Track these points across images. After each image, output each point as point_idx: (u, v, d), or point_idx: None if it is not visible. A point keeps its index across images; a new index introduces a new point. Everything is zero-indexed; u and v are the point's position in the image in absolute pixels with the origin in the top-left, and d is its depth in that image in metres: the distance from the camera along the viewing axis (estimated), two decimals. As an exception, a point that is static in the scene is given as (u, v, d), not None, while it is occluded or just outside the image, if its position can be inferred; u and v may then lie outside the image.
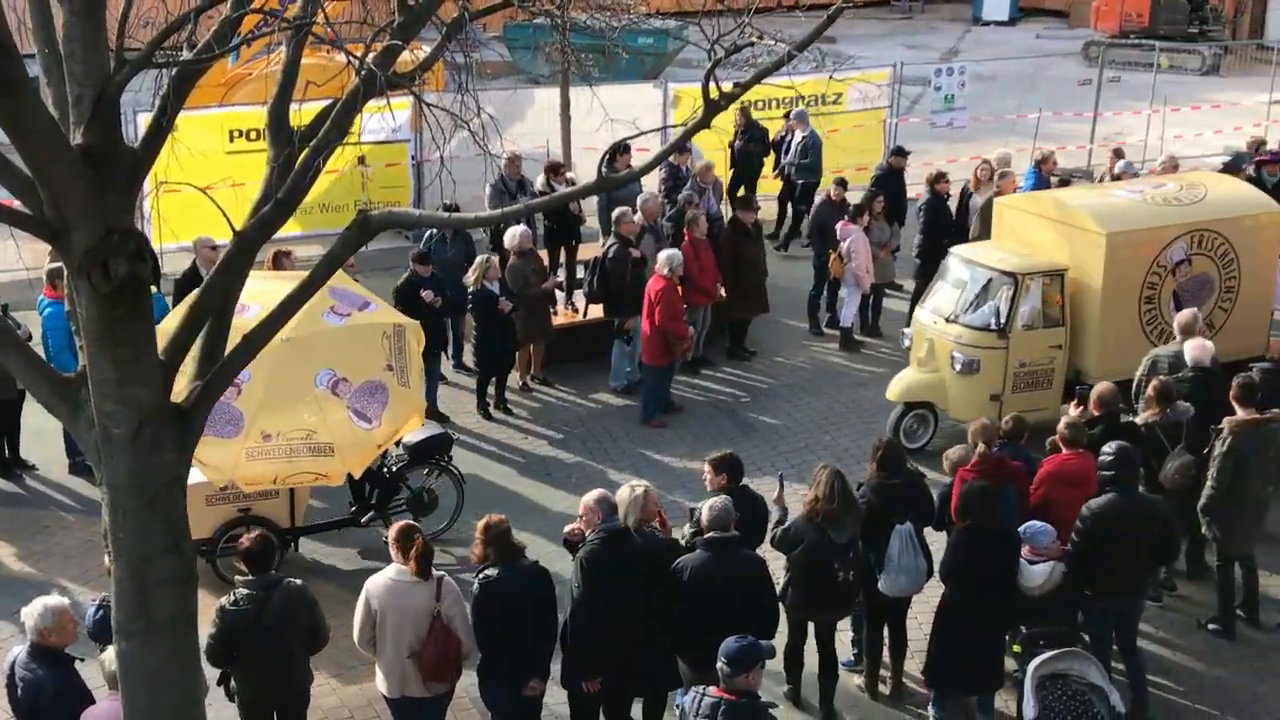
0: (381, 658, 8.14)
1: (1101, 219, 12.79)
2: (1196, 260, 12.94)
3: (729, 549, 8.22)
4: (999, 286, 12.70)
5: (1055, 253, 12.92)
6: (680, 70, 26.41)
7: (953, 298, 13.08)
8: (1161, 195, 13.29)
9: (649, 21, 19.83)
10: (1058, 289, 12.73)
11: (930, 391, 13.03)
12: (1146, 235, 12.78)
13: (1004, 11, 35.28)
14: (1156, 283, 12.80)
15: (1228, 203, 13.45)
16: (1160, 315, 12.86)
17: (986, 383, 12.65)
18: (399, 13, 6.48)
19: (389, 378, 10.67)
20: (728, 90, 6.14)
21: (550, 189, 15.59)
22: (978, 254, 13.31)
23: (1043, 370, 12.75)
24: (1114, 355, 12.58)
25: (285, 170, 6.39)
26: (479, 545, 8.13)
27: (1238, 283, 13.17)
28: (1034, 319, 12.70)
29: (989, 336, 12.62)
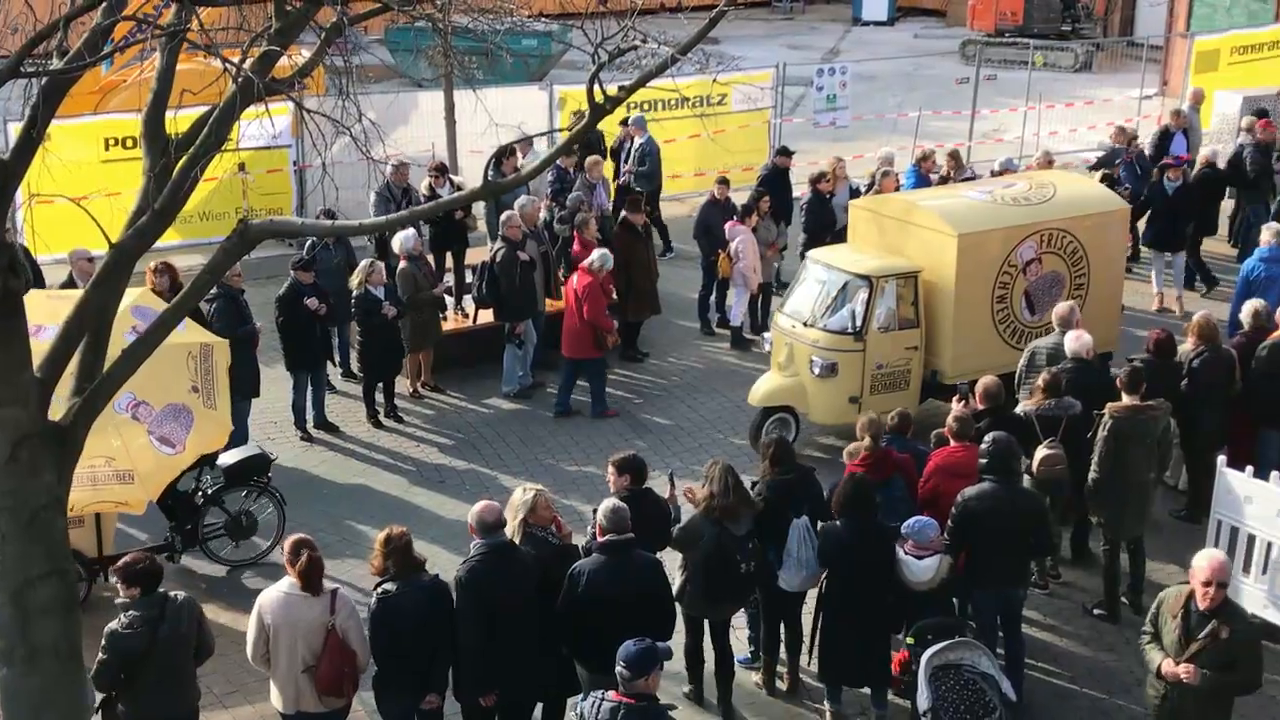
0: (276, 673, 7.98)
1: (952, 220, 12.91)
2: (1046, 259, 13.12)
3: (625, 552, 8.21)
4: (854, 290, 12.76)
5: (909, 255, 12.99)
6: (566, 72, 26.37)
7: (810, 301, 13.10)
8: (1011, 195, 13.46)
9: (532, 24, 19.84)
10: (912, 291, 12.83)
11: (791, 395, 13.03)
12: (996, 235, 12.92)
13: (882, 12, 35.82)
14: (1008, 282, 12.95)
15: (1076, 201, 13.63)
16: (1012, 314, 13.05)
17: (845, 386, 12.70)
18: (276, 18, 6.37)
19: (194, 400, 10.43)
20: (613, 93, 6.13)
21: (434, 193, 15.46)
22: (833, 257, 13.33)
23: (900, 371, 12.84)
24: (968, 355, 12.76)
25: (162, 179, 6.26)
26: (378, 558, 8.01)
27: (1087, 280, 13.36)
28: (889, 321, 12.76)
29: (846, 340, 12.68)
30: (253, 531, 11.33)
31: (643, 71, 6.52)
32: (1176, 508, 11.92)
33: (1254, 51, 23.82)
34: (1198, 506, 11.39)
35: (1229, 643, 7.60)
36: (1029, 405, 10.59)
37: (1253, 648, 7.75)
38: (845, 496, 9.03)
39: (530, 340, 14.59)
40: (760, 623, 9.81)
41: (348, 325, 14.28)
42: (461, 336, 15.17)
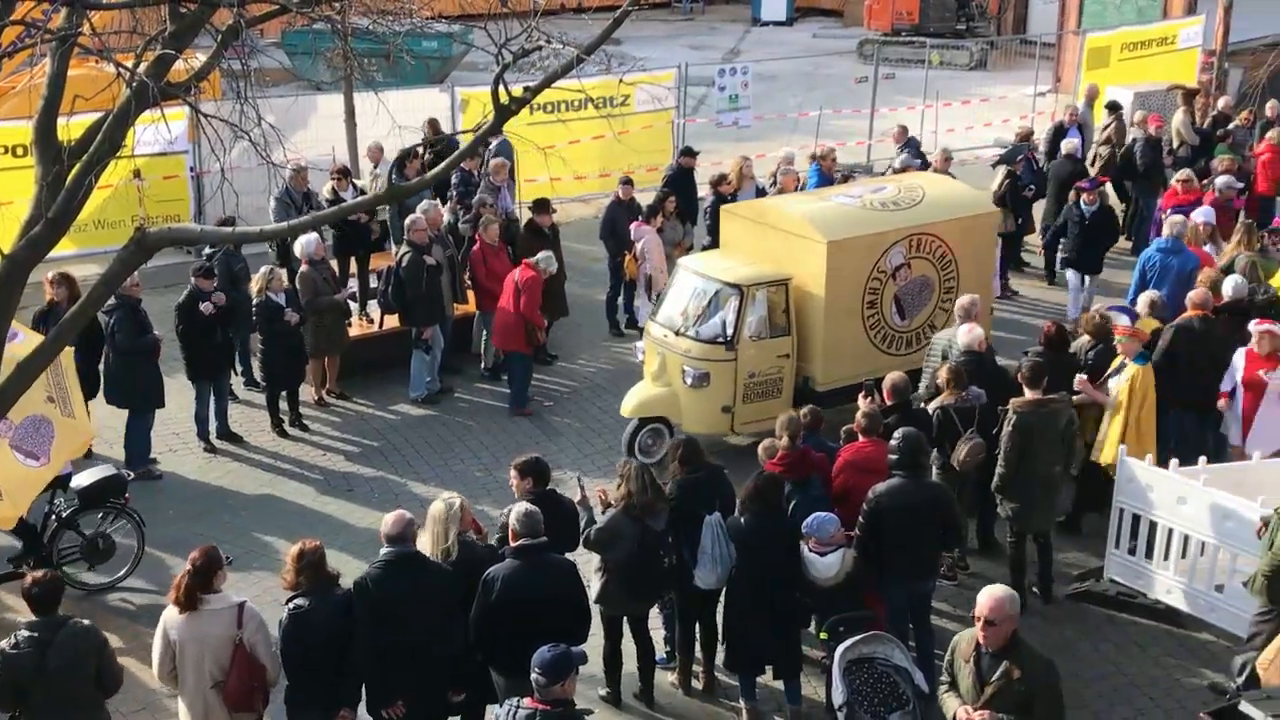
0: (183, 690, 7.82)
1: (821, 227, 12.77)
2: (915, 263, 13.11)
3: (539, 555, 8.16)
4: (725, 298, 12.65)
5: (779, 262, 12.89)
6: (467, 74, 26.22)
7: (681, 310, 12.94)
8: (880, 200, 13.40)
9: (433, 25, 19.68)
10: (783, 298, 12.73)
11: (664, 406, 12.89)
12: (865, 241, 12.84)
13: (781, 12, 36.10)
14: (878, 288, 12.93)
15: (944, 205, 13.58)
16: (883, 320, 13.06)
17: (717, 395, 12.61)
18: (170, 21, 6.23)
19: (51, 410, 10.19)
20: (517, 94, 6.09)
21: (336, 197, 15.27)
22: (704, 265, 13.23)
23: (772, 380, 12.75)
24: (840, 362, 12.75)
25: (56, 187, 6.09)
26: (290, 573, 7.86)
27: (956, 283, 13.33)
28: (761, 329, 12.66)
29: (717, 349, 12.56)
30: (110, 555, 11.00)
31: (547, 72, 6.48)
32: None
33: (1144, 48, 24.40)
34: (1100, 496, 11.60)
35: (1024, 684, 7.11)
36: (944, 400, 10.69)
37: (1049, 690, 7.21)
38: (751, 493, 9.12)
39: (438, 345, 14.47)
40: (675, 622, 9.83)
41: (250, 333, 14.02)
42: (367, 342, 14.99)
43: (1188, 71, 23.99)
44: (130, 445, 12.90)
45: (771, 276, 12.75)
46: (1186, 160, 18.28)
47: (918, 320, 13.31)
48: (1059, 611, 10.73)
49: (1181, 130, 19.06)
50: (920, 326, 13.32)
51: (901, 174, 15.95)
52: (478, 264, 14.53)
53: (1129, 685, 9.88)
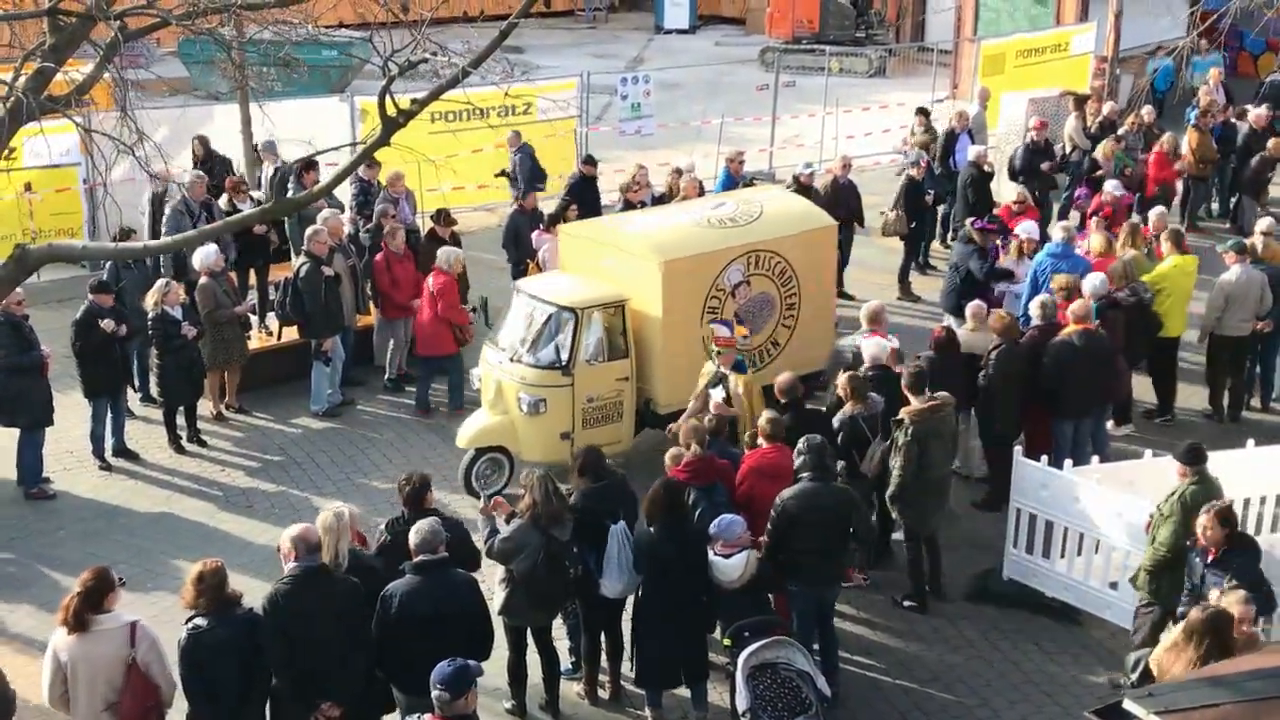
0: (75, 713, 7.67)
1: (656, 247, 12.53)
2: (755, 280, 12.88)
3: (439, 571, 8.11)
4: (560, 322, 12.25)
5: (616, 282, 12.56)
6: (368, 83, 25.95)
7: (517, 335, 12.53)
8: (719, 217, 13.11)
9: (329, 34, 19.47)
10: (620, 320, 12.38)
11: (501, 435, 12.46)
12: (702, 260, 12.58)
13: (684, 20, 36.26)
14: (717, 306, 12.65)
15: (783, 221, 13.37)
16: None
17: (555, 421, 12.17)
18: (50, 34, 6.10)
19: None
20: (406, 105, 6.04)
21: (233, 208, 15.05)
22: (539, 287, 12.84)
23: (611, 404, 12.38)
24: (682, 383, 12.23)
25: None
26: (190, 593, 7.72)
27: (798, 299, 13.21)
28: (598, 352, 12.28)
29: (553, 375, 12.16)
30: None
31: (438, 83, 6.45)
32: (975, 497, 12.34)
33: (1037, 55, 24.88)
34: (999, 495, 11.82)
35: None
36: (850, 410, 10.77)
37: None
38: (657, 502, 9.10)
39: (339, 357, 14.31)
40: (580, 632, 9.81)
41: (145, 348, 13.74)
42: (267, 355, 14.79)
43: (1081, 78, 24.49)
44: (22, 464, 12.61)
45: (608, 298, 12.36)
46: (1077, 164, 18.67)
47: (760, 337, 13.05)
48: (958, 610, 10.89)
49: (1074, 135, 19.46)
50: (763, 344, 13.11)
51: (745, 190, 15.62)
52: (381, 272, 14.40)
53: (1027, 683, 10.05)
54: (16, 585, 11.17)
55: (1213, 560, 8.65)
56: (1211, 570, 8.60)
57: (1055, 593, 10.78)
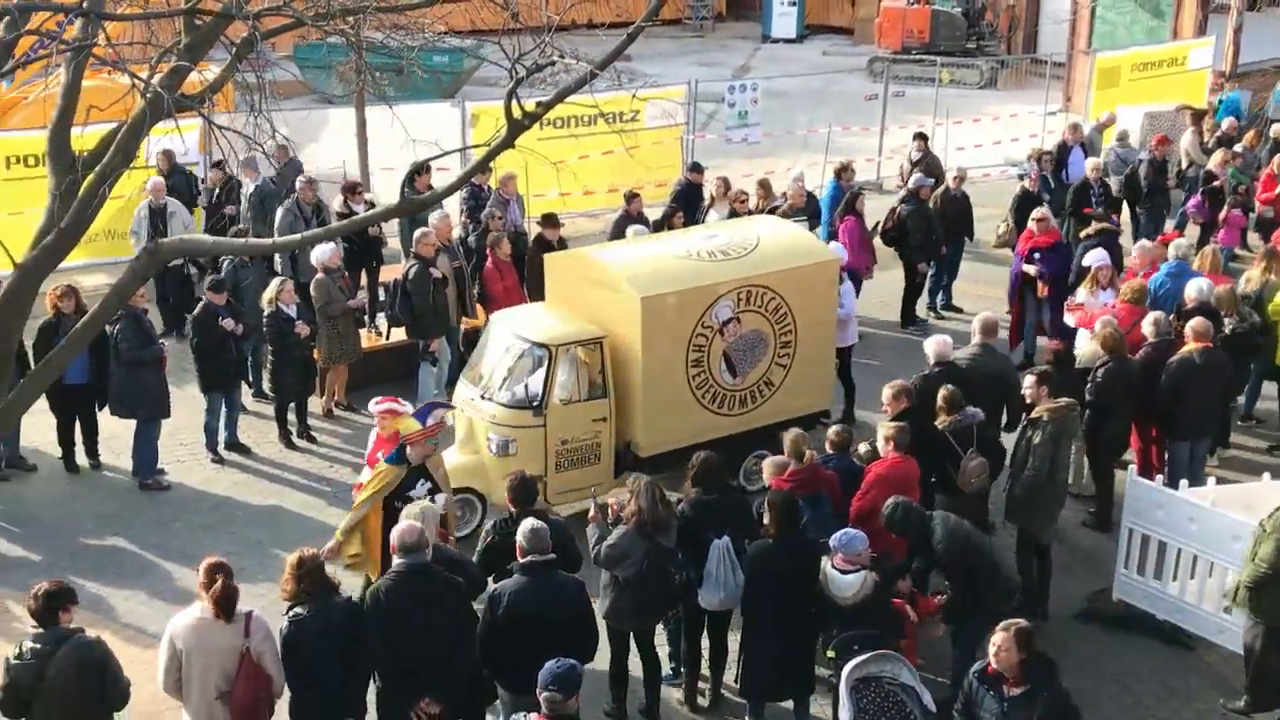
0: (188, 701, 7.80)
1: (635, 281, 11.65)
2: (746, 317, 11.96)
3: (546, 572, 8.16)
4: (532, 358, 11.60)
5: (595, 317, 11.82)
6: (478, 89, 26.28)
7: (489, 371, 11.88)
8: (709, 249, 12.19)
9: (446, 40, 19.73)
10: (598, 358, 11.64)
11: (471, 476, 11.71)
12: (687, 295, 11.68)
13: (791, 29, 36.18)
14: (703, 344, 11.79)
15: (778, 254, 12.40)
16: (711, 378, 11.93)
17: (525, 464, 11.16)
18: (185, 33, 6.26)
19: None
20: (530, 109, 6.10)
21: (349, 210, 15.30)
22: (514, 322, 12.10)
23: (588, 446, 11.64)
24: (664, 424, 11.74)
25: (68, 197, 6.11)
26: (290, 581, 7.86)
27: (794, 337, 12.30)
28: (573, 392, 11.58)
29: (524, 414, 11.47)
30: None
31: (558, 88, 6.50)
32: (1083, 515, 12.11)
33: (1154, 69, 24.41)
34: (1105, 515, 11.59)
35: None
36: (941, 423, 10.66)
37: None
38: (775, 512, 8.99)
39: (445, 358, 14.47)
40: (681, 638, 9.80)
41: (261, 345, 14.04)
42: (375, 355, 15.01)
43: (1197, 92, 23.99)
44: (138, 456, 12.93)
45: (584, 334, 11.64)
46: (1193, 180, 18.28)
47: (751, 378, 12.19)
48: (1066, 630, 10.69)
49: (1190, 150, 19.06)
50: (755, 384, 12.24)
51: (740, 220, 14.66)
52: (494, 280, 14.51)
53: (1137, 705, 9.84)
54: (130, 573, 11.44)
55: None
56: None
57: (1167, 615, 10.54)
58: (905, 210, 16.40)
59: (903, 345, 15.94)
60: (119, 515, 12.41)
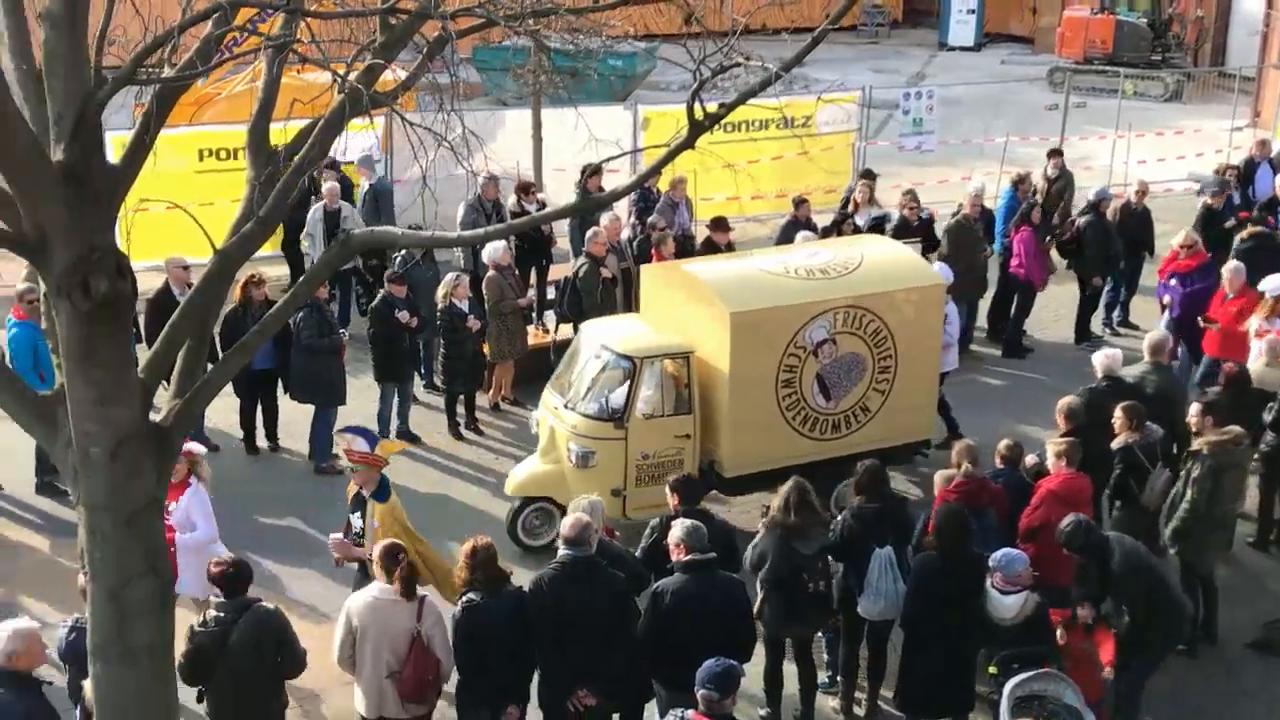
0: (360, 677, 8.07)
1: (726, 295, 11.40)
2: (843, 339, 11.56)
3: (708, 571, 8.21)
4: (617, 370, 11.43)
5: (685, 331, 11.60)
6: (649, 92, 26.49)
7: (575, 379, 11.73)
8: (807, 267, 11.81)
9: (624, 43, 19.97)
10: (685, 373, 11.42)
11: (549, 485, 11.59)
12: (779, 313, 11.37)
13: (969, 37, 35.63)
14: (795, 365, 11.45)
15: (882, 275, 11.99)
16: (803, 400, 11.57)
17: (605, 476, 11.21)
18: (381, 31, 6.47)
19: None
20: (712, 110, 6.16)
21: (521, 209, 15.60)
22: (602, 331, 11.93)
23: (670, 462, 11.35)
24: (751, 446, 11.38)
25: (267, 188, 6.37)
26: (463, 569, 8.06)
27: (894, 363, 11.86)
28: (656, 406, 11.39)
29: (605, 426, 11.29)
30: None
31: (729, 92, 6.57)
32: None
33: (1351, 83, 23.41)
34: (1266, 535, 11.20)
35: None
36: (1127, 438, 10.38)
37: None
38: (942, 524, 8.88)
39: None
40: (840, 646, 9.75)
41: (433, 338, 14.41)
42: (543, 351, 15.22)
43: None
44: (314, 440, 13.37)
45: (671, 348, 11.44)
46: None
47: (846, 402, 11.77)
48: (1235, 658, 10.33)
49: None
50: (850, 409, 11.81)
51: (847, 238, 14.44)
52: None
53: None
54: (304, 553, 11.83)
55: None
56: None
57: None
58: (1084, 223, 16.02)
59: (1076, 360, 15.58)
60: (295, 497, 12.86)
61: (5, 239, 5.69)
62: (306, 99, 6.53)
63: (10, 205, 5.59)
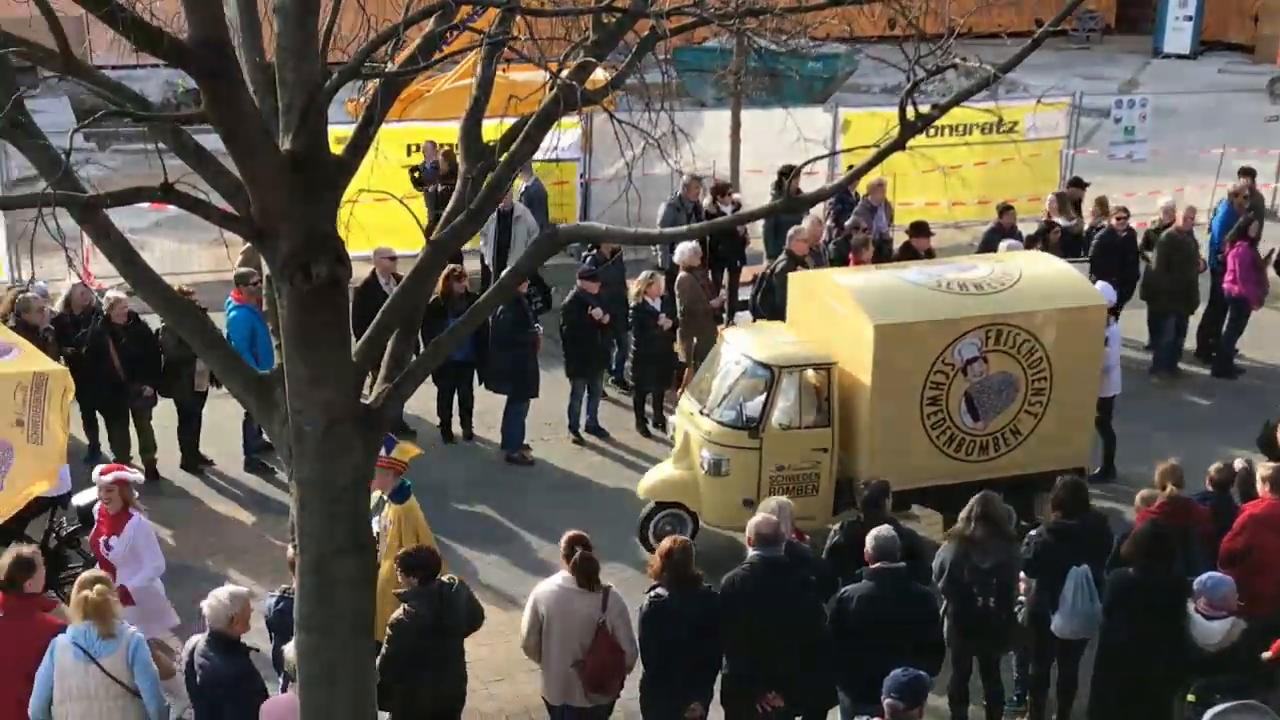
0: (546, 664, 8.23)
1: (872, 307, 11.08)
2: (994, 358, 11.16)
3: (896, 580, 8.11)
4: (754, 378, 11.22)
5: (828, 341, 11.35)
6: (849, 95, 26.26)
7: (712, 385, 11.54)
8: (960, 281, 11.42)
9: (828, 45, 19.87)
10: (824, 384, 11.15)
11: (681, 491, 11.50)
12: (926, 327, 11.03)
13: (1185, 44, 34.32)
14: (942, 382, 11.08)
15: (1038, 293, 11.53)
16: (949, 419, 11.20)
17: (737, 486, 11.07)
18: (594, 30, 6.57)
19: (16, 434, 9.54)
20: (925, 111, 6.09)
21: (717, 210, 15.65)
22: (742, 338, 11.76)
23: (806, 475, 11.11)
24: (891, 462, 10.85)
25: (478, 183, 6.53)
26: (657, 564, 8.14)
27: (1049, 385, 11.39)
28: (793, 417, 11.16)
29: (739, 435, 11.10)
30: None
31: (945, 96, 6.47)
32: None
33: None
34: None
35: None
36: None
37: None
38: (1142, 543, 8.60)
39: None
40: (1030, 665, 9.52)
41: (625, 335, 14.56)
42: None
43: None
44: (506, 430, 13.66)
45: (811, 358, 11.24)
46: None
47: (996, 423, 11.35)
48: None
49: None
50: (999, 431, 11.40)
51: (1006, 253, 13.80)
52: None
53: None
54: (493, 540, 12.10)
55: None
56: None
57: None
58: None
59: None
60: (486, 484, 13.16)
61: (233, 223, 5.94)
62: (523, 95, 6.67)
63: (240, 191, 5.84)
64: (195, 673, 7.58)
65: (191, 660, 7.62)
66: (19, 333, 11.36)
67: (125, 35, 4.92)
